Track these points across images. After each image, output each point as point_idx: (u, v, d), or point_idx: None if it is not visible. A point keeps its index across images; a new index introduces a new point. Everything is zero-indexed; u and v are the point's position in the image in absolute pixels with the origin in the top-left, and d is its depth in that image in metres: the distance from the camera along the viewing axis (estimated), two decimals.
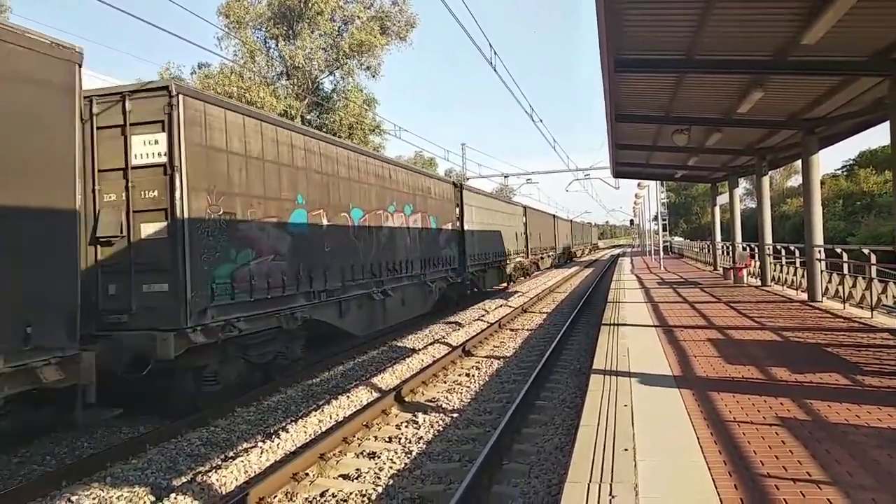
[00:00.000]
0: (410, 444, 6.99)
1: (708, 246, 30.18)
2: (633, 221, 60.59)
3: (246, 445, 7.10)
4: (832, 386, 6.13)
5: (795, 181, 59.70)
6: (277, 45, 30.80)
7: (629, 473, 4.10)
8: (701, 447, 4.52)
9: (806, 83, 10.28)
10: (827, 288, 12.69)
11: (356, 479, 6.07)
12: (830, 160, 49.73)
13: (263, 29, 31.12)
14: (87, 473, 6.27)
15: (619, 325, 10.97)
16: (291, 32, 30.67)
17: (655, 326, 10.63)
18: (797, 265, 15.06)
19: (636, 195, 36.39)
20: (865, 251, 10.87)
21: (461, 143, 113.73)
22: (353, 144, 15.07)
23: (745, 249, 19.68)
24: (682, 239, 60.81)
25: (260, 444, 6.93)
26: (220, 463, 6.52)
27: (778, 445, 4.50)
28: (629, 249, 76.91)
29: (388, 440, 7.20)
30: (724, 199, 24.19)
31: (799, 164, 14.22)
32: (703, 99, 11.74)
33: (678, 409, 5.55)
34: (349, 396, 8.88)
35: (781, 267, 16.54)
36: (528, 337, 14.27)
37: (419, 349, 12.68)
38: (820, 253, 12.70)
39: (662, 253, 33.75)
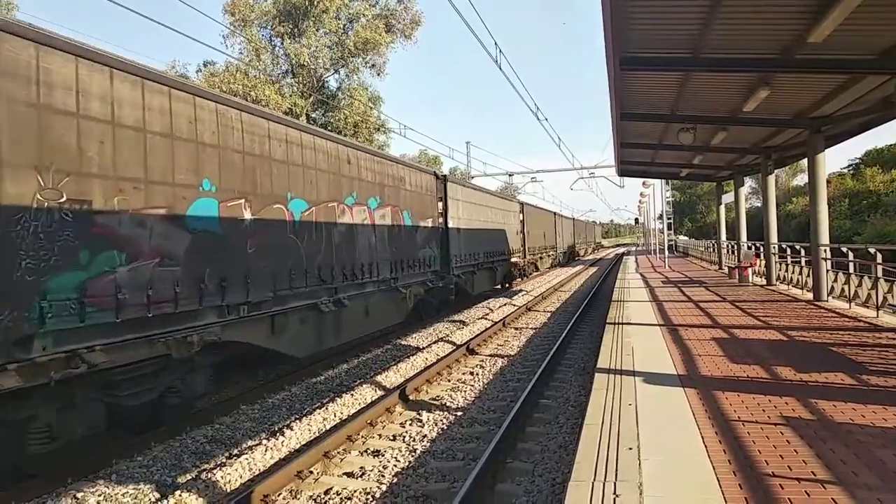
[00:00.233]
0: (415, 442, 7.01)
1: (713, 245, 30.12)
2: (637, 220, 60.59)
3: (250, 443, 7.12)
4: (837, 385, 6.11)
5: (801, 180, 59.56)
6: (283, 43, 30.89)
7: (633, 472, 4.10)
8: (705, 446, 4.52)
9: (812, 81, 10.24)
10: (833, 287, 12.64)
11: (360, 477, 6.09)
12: (836, 159, 49.76)
13: (269, 27, 31.22)
14: (92, 470, 6.30)
15: (623, 323, 10.96)
16: (297, 30, 30.74)
17: (660, 325, 10.62)
18: (803, 264, 15.02)
19: (641, 194, 36.41)
20: (871, 250, 10.83)
21: (466, 141, 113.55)
22: (295, 120, 11.93)
23: (750, 248, 19.62)
24: (686, 238, 60.79)
25: (264, 441, 6.96)
26: (224, 460, 6.54)
27: (783, 445, 4.50)
28: (634, 248, 76.86)
29: (392, 438, 7.21)
30: (729, 197, 24.14)
31: (805, 162, 14.15)
32: (708, 97, 11.70)
33: (683, 408, 5.55)
34: (353, 394, 8.91)
35: (787, 266, 16.49)
36: (532, 335, 14.26)
37: (423, 347, 12.70)
38: (826, 252, 12.65)
39: (667, 252, 33.68)
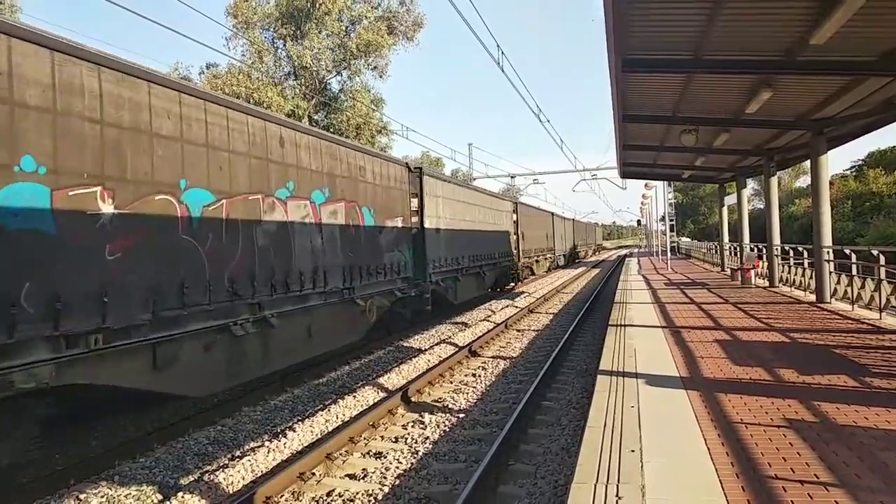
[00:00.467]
0: (417, 444, 7.01)
1: (715, 247, 30.08)
2: (640, 222, 60.54)
3: (253, 445, 7.13)
4: (840, 388, 6.10)
5: (804, 182, 59.43)
6: (285, 45, 30.96)
7: (636, 474, 4.10)
8: (708, 448, 4.51)
9: (814, 83, 10.23)
10: (835, 289, 12.61)
11: (363, 478, 6.09)
12: (839, 160, 49.48)
13: (271, 29, 31.31)
14: (95, 472, 6.31)
15: (626, 325, 10.94)
16: (299, 32, 30.81)
17: (663, 327, 10.60)
18: (805, 266, 14.98)
19: (643, 195, 36.38)
20: (874, 252, 10.80)
21: (468, 143, 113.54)
22: (192, 86, 9.23)
23: (752, 250, 19.58)
24: (689, 239, 60.76)
25: (267, 443, 6.96)
26: (227, 462, 6.55)
27: (785, 447, 4.49)
28: (636, 250, 76.81)
29: (394, 440, 7.21)
30: (731, 199, 24.10)
31: (807, 164, 14.12)
32: (711, 99, 11.69)
33: (685, 410, 5.54)
34: (356, 396, 8.91)
35: (789, 268, 16.45)
36: (534, 337, 14.25)
37: (425, 349, 12.70)
38: (828, 254, 12.62)
39: (670, 253, 33.65)
